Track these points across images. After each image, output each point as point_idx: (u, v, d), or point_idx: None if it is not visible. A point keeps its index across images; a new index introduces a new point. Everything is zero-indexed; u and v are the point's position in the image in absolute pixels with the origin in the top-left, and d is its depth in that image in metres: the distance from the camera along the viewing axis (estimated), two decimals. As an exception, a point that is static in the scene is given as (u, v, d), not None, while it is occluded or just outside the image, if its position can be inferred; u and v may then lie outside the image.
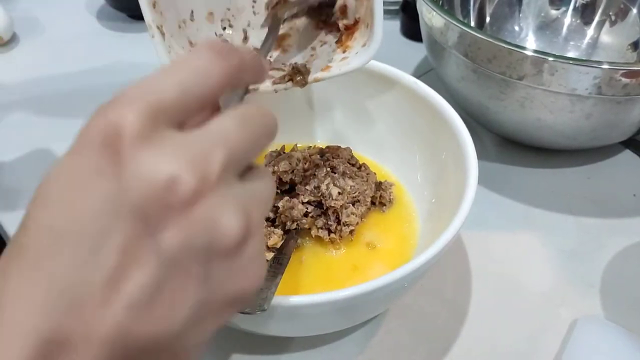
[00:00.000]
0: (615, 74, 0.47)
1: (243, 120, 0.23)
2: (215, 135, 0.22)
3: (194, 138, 0.21)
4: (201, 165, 0.20)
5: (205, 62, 0.23)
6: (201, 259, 0.20)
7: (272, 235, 0.46)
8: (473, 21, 0.69)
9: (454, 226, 0.38)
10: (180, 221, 0.20)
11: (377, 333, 0.46)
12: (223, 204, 0.21)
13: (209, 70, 0.22)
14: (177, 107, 0.21)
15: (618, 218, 0.55)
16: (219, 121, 0.22)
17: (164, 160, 0.20)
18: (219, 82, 0.23)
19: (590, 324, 0.45)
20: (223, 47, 0.23)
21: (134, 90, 0.21)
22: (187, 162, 0.20)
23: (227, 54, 0.23)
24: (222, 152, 0.21)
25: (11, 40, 0.78)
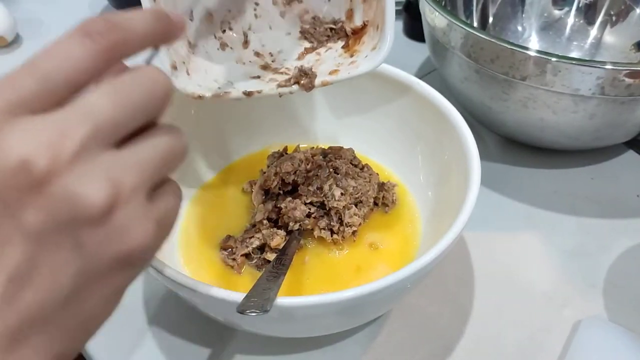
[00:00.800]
0: (618, 74, 0.47)
1: (112, 89, 0.23)
2: (77, 111, 0.22)
3: (53, 117, 0.22)
4: (55, 143, 0.21)
5: (70, 45, 0.23)
6: (67, 230, 0.21)
7: (275, 237, 0.46)
8: (476, 21, 0.69)
9: (456, 227, 0.38)
10: (37, 199, 0.21)
11: (380, 333, 0.46)
12: (81, 176, 0.21)
13: (72, 53, 0.23)
14: (37, 95, 0.22)
15: (621, 218, 0.55)
16: (85, 96, 0.23)
17: (15, 144, 0.21)
18: (87, 63, 0.23)
19: (593, 325, 0.45)
20: (96, 26, 0.23)
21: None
22: (39, 142, 0.21)
23: (98, 35, 0.23)
24: (82, 127, 0.21)
25: (14, 41, 0.78)
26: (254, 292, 0.35)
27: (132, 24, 0.24)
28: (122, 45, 0.24)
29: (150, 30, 0.25)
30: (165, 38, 0.27)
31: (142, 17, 0.25)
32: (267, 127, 0.57)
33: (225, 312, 0.38)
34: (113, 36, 0.23)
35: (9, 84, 0.22)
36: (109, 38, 0.23)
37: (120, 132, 0.23)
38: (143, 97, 0.24)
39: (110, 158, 0.22)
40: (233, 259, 0.46)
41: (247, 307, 0.33)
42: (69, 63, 0.23)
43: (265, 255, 0.46)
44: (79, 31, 0.23)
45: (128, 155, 0.23)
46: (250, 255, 0.47)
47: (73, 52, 0.23)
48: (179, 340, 0.46)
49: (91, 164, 0.22)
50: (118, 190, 0.22)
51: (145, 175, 0.24)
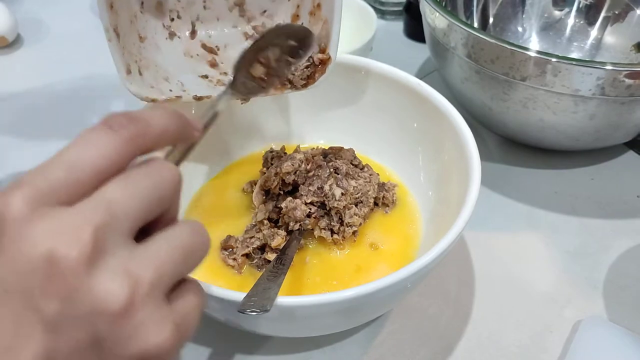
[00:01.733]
0: (618, 74, 0.47)
1: (123, 181, 0.24)
2: (94, 204, 0.23)
3: (77, 210, 0.23)
4: (78, 235, 0.22)
5: (95, 136, 0.24)
6: (86, 324, 0.22)
7: (276, 237, 0.46)
8: (476, 22, 0.69)
9: (457, 227, 0.38)
10: (58, 291, 0.21)
11: (380, 333, 0.46)
12: (102, 270, 0.22)
13: (98, 143, 0.24)
14: (65, 184, 0.23)
15: (622, 219, 0.55)
16: (103, 189, 0.24)
17: (42, 237, 0.22)
18: (110, 153, 0.24)
19: (594, 325, 0.45)
20: (118, 119, 0.25)
21: (25, 177, 0.23)
22: (65, 236, 0.22)
23: (120, 126, 0.25)
24: (97, 219, 0.22)
25: (15, 41, 0.78)
26: (254, 291, 0.35)
27: (150, 120, 0.26)
28: (142, 137, 0.25)
29: (168, 128, 0.27)
30: (181, 136, 0.29)
31: (159, 114, 0.27)
32: (268, 128, 0.57)
33: (226, 312, 0.38)
34: (133, 128, 0.25)
35: (40, 172, 0.23)
36: (130, 130, 0.25)
37: (136, 222, 0.24)
38: (153, 186, 0.25)
39: (128, 252, 0.23)
40: (234, 259, 0.46)
41: (247, 307, 0.33)
42: (94, 152, 0.24)
43: (265, 255, 0.46)
44: (102, 124, 0.25)
45: (146, 251, 0.24)
46: (250, 255, 0.47)
47: (97, 142, 0.24)
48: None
49: (111, 257, 0.22)
50: (137, 285, 0.23)
51: (164, 271, 0.24)
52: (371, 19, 0.70)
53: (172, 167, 0.26)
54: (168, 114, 0.27)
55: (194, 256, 0.26)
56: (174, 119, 0.27)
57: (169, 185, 0.26)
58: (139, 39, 0.45)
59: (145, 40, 0.45)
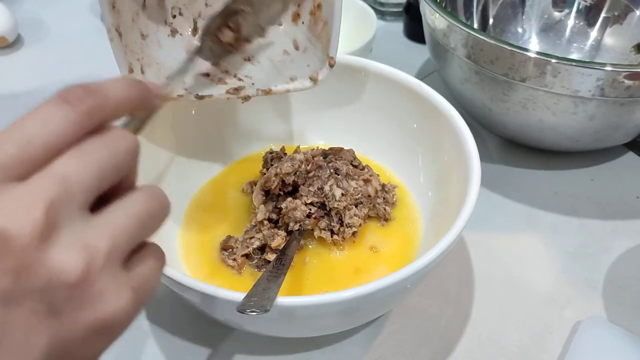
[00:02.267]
0: (618, 75, 0.47)
1: (78, 152, 0.24)
2: (48, 177, 0.23)
3: (28, 186, 0.22)
4: (30, 213, 0.21)
5: (50, 110, 0.24)
6: (41, 296, 0.22)
7: (276, 237, 0.46)
8: (476, 23, 0.69)
9: (456, 227, 0.38)
10: (11, 265, 0.21)
11: (380, 334, 0.46)
12: (56, 243, 0.22)
13: (52, 118, 0.24)
14: (17, 160, 0.23)
15: (621, 220, 0.55)
16: (54, 161, 0.23)
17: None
18: (65, 128, 0.24)
19: (593, 325, 0.45)
20: (74, 92, 0.24)
21: None
22: (15, 212, 0.21)
23: (76, 99, 0.24)
24: (54, 192, 0.22)
25: (16, 41, 0.79)
26: (254, 291, 0.35)
27: (108, 91, 0.25)
28: (99, 110, 0.25)
29: (126, 97, 0.26)
30: (141, 105, 0.28)
31: (118, 84, 0.26)
32: (268, 128, 0.57)
33: (226, 312, 0.38)
34: (90, 101, 0.24)
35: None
36: (86, 103, 0.24)
37: (91, 193, 0.24)
38: (109, 155, 0.25)
39: (83, 223, 0.23)
40: (233, 259, 0.46)
41: (247, 307, 0.33)
42: (48, 128, 0.23)
43: (265, 255, 0.46)
44: (57, 97, 0.24)
45: (102, 220, 0.24)
46: (250, 255, 0.47)
47: (52, 117, 0.24)
48: (179, 340, 0.46)
49: (65, 230, 0.22)
50: (92, 257, 0.22)
51: (120, 240, 0.24)
52: (371, 20, 0.70)
53: (128, 135, 0.26)
54: (127, 82, 0.27)
55: (152, 221, 0.26)
56: (134, 87, 0.27)
57: (125, 153, 0.25)
58: (140, 36, 0.45)
59: (147, 38, 0.45)
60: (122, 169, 0.25)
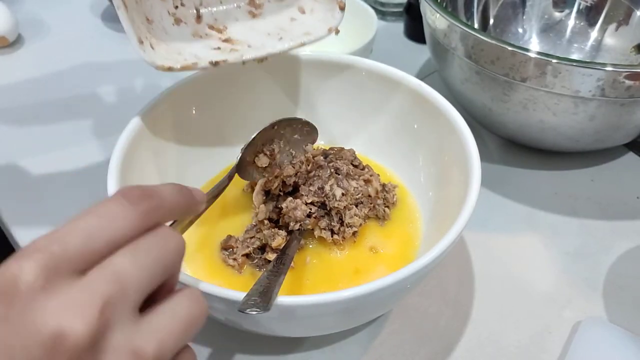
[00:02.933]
0: (618, 76, 0.47)
1: (137, 256, 0.25)
2: (106, 275, 0.24)
3: (87, 284, 0.23)
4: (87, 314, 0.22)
5: (113, 207, 0.25)
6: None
7: (276, 237, 0.46)
8: (477, 23, 0.69)
9: (456, 228, 0.38)
10: None
11: (380, 333, 0.46)
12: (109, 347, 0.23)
13: (116, 216, 0.25)
14: (80, 253, 0.24)
15: (621, 220, 0.55)
16: (111, 260, 0.24)
17: (51, 314, 0.22)
18: (126, 225, 0.25)
19: (593, 326, 0.45)
20: (134, 192, 0.26)
21: (42, 241, 0.24)
22: (74, 313, 0.22)
23: (136, 199, 0.26)
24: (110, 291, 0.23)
25: (16, 41, 0.79)
26: (254, 291, 0.35)
27: (163, 194, 0.28)
28: (156, 211, 0.27)
29: (177, 202, 0.29)
30: (188, 211, 0.31)
31: (170, 190, 0.29)
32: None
33: (226, 311, 0.38)
34: (149, 202, 0.26)
35: (56, 239, 0.24)
36: (145, 204, 0.26)
37: (143, 293, 0.25)
38: (160, 256, 0.26)
39: (133, 325, 0.24)
40: (234, 259, 0.46)
41: (247, 306, 0.33)
42: (112, 224, 0.25)
43: (266, 255, 0.46)
44: (119, 196, 0.26)
45: (150, 324, 0.25)
46: (251, 255, 0.47)
47: (115, 214, 0.25)
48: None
49: (117, 332, 0.23)
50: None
51: (166, 346, 0.25)
52: (371, 20, 0.70)
53: (178, 237, 0.27)
54: (178, 189, 0.29)
55: (194, 327, 0.27)
56: (183, 194, 0.29)
57: (174, 255, 0.27)
58: (146, 20, 0.45)
59: (153, 23, 0.45)
60: (171, 269, 0.27)
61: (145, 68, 0.43)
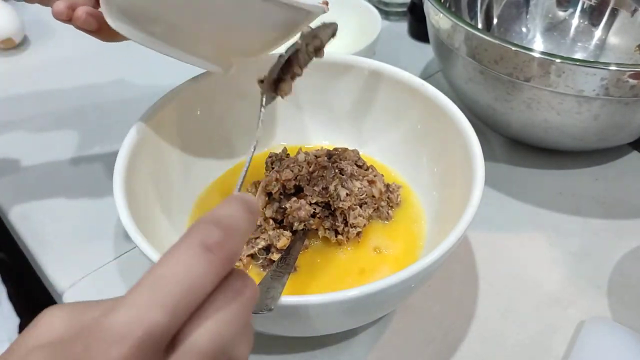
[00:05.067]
0: (622, 75, 0.47)
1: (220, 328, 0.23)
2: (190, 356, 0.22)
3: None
4: None
5: (192, 262, 0.22)
6: None
7: (281, 237, 0.46)
8: (480, 23, 0.69)
9: (460, 227, 0.38)
10: None
11: (384, 333, 0.46)
12: None
13: (198, 274, 0.22)
14: (166, 333, 0.21)
15: (626, 219, 0.55)
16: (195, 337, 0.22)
17: None
18: (209, 283, 0.22)
19: (598, 325, 0.45)
20: (214, 236, 0.23)
21: (119, 321, 0.20)
22: None
23: (217, 246, 0.23)
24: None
25: (22, 42, 0.79)
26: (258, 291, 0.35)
27: (239, 224, 0.24)
28: (237, 253, 0.24)
29: (251, 227, 0.25)
30: None
31: (243, 214, 0.25)
32: (272, 129, 0.57)
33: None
34: (230, 246, 0.23)
35: (137, 312, 0.21)
36: (226, 249, 0.23)
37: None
38: (239, 327, 0.24)
39: None
40: (239, 259, 0.46)
41: None
42: (196, 287, 0.22)
43: (270, 255, 0.46)
44: (196, 243, 0.22)
45: None
46: (255, 255, 0.47)
47: (199, 273, 0.22)
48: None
49: None
50: None
51: None
52: (375, 20, 0.70)
53: (253, 284, 0.25)
54: (248, 211, 0.25)
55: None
56: (253, 214, 0.25)
57: (250, 308, 0.25)
58: None
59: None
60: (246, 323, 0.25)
61: (149, 71, 0.43)
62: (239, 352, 0.24)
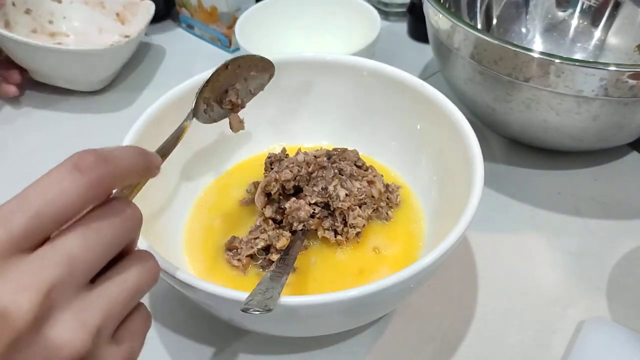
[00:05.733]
0: (622, 75, 0.47)
1: (88, 233, 0.24)
2: (54, 256, 0.23)
3: (33, 264, 0.23)
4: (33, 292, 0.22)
5: (62, 179, 0.24)
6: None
7: (281, 238, 0.46)
8: (480, 23, 0.69)
9: (459, 227, 0.38)
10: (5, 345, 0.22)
11: (384, 333, 0.46)
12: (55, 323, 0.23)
13: (64, 189, 0.24)
14: (26, 234, 0.23)
15: (625, 219, 0.55)
16: (60, 239, 0.24)
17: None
18: (75, 199, 0.24)
19: (597, 325, 0.45)
20: (87, 158, 0.24)
21: None
22: (18, 291, 0.22)
23: (88, 168, 0.24)
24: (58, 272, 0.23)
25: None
26: (257, 290, 0.35)
27: (119, 159, 0.26)
28: (109, 179, 0.25)
29: (134, 167, 0.27)
30: (144, 176, 0.29)
31: (128, 153, 0.26)
32: (271, 129, 0.57)
33: (230, 311, 0.38)
34: (101, 170, 0.24)
35: (1, 219, 0.23)
36: (97, 171, 0.24)
37: (93, 271, 0.25)
38: (114, 233, 0.25)
39: (81, 300, 0.24)
40: (238, 259, 0.46)
41: (250, 306, 0.33)
42: (60, 198, 0.23)
43: (270, 256, 0.46)
44: (69, 164, 0.24)
45: (98, 296, 0.25)
46: (255, 255, 0.47)
47: (63, 186, 0.24)
48: (183, 339, 0.46)
49: (64, 309, 0.23)
50: (88, 334, 0.23)
51: (112, 314, 0.25)
52: (375, 20, 0.70)
53: (134, 208, 0.27)
54: (137, 153, 0.27)
55: (143, 290, 0.27)
56: (142, 158, 0.27)
57: (129, 227, 0.26)
58: None
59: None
60: (126, 241, 0.26)
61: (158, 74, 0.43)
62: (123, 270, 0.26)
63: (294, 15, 0.76)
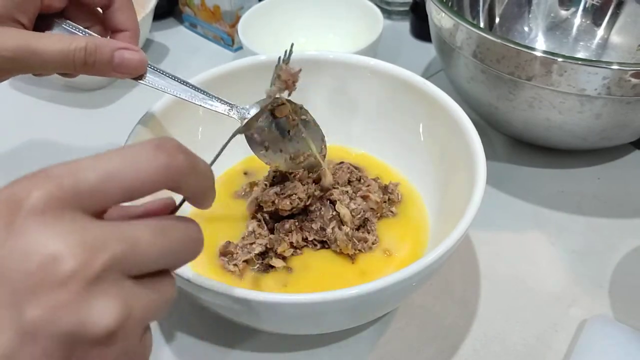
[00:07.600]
0: (624, 74, 0.47)
1: (159, 232, 0.23)
2: (121, 232, 0.22)
3: (98, 228, 0.22)
4: (90, 252, 0.21)
5: (142, 153, 0.23)
6: (64, 341, 0.21)
7: (282, 242, 0.46)
8: (482, 22, 0.69)
9: (461, 226, 0.38)
10: (48, 299, 0.20)
11: (386, 331, 0.46)
12: (100, 293, 0.21)
13: (142, 163, 0.23)
14: (94, 192, 0.22)
15: (628, 218, 0.55)
16: (135, 224, 0.23)
17: (50, 239, 0.21)
18: (151, 176, 0.23)
19: (600, 324, 0.45)
20: (170, 144, 0.24)
21: (57, 169, 0.22)
22: (75, 245, 0.21)
23: (169, 153, 0.23)
24: (118, 248, 0.22)
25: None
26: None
27: (199, 160, 0.25)
28: (186, 174, 0.24)
29: (208, 179, 0.27)
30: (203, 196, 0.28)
31: (205, 165, 0.26)
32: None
33: (232, 310, 0.38)
34: (182, 160, 0.24)
35: (72, 170, 0.22)
36: (179, 160, 0.24)
37: (146, 268, 0.24)
38: (178, 248, 0.24)
39: (130, 287, 0.22)
40: (234, 264, 0.45)
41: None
42: (135, 170, 0.23)
43: (269, 260, 0.46)
44: (154, 143, 0.24)
45: (144, 292, 0.23)
46: (252, 261, 0.46)
47: (142, 160, 0.23)
48: (187, 337, 0.46)
49: (112, 285, 0.22)
50: (125, 319, 0.22)
51: (149, 317, 0.24)
52: (377, 19, 0.70)
53: (202, 237, 0.26)
54: (209, 173, 0.27)
55: (167, 308, 0.26)
56: (211, 180, 0.27)
57: (190, 254, 0.25)
58: None
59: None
60: (179, 264, 0.25)
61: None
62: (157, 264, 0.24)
63: (296, 14, 0.76)
